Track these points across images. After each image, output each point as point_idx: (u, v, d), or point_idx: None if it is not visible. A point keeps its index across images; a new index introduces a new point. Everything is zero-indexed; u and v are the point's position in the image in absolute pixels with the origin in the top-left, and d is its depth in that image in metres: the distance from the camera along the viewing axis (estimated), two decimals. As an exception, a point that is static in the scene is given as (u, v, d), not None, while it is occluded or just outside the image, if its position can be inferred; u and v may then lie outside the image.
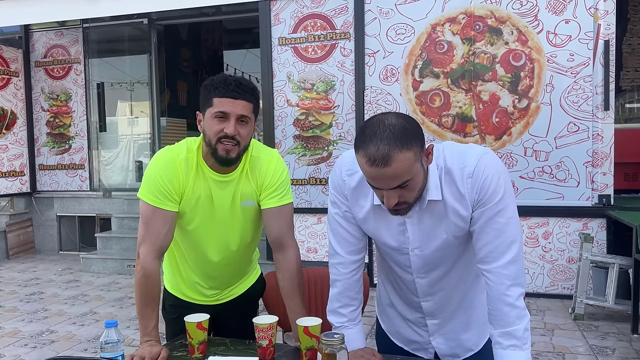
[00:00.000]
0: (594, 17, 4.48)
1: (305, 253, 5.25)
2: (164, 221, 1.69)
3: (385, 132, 1.23)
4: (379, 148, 1.22)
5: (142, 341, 1.68)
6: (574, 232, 4.58)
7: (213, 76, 1.67)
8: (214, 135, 1.63)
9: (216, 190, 1.74)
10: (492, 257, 1.38)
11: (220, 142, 1.63)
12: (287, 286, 1.79)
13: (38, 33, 7.05)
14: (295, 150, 5.30)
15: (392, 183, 1.26)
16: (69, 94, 6.96)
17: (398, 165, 1.22)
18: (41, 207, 7.13)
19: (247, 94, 1.64)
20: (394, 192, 1.28)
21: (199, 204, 1.74)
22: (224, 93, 1.61)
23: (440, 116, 4.87)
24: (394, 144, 1.21)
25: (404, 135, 1.23)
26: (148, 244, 1.68)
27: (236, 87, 1.62)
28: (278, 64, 5.30)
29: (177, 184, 1.69)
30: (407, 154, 1.23)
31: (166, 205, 1.69)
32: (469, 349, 1.62)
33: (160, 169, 1.69)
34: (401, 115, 1.30)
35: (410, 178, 1.27)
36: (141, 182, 1.73)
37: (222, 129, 1.62)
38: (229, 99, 1.61)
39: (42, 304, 4.78)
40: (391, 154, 1.21)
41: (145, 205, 1.70)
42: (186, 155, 1.71)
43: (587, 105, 4.52)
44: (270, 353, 1.60)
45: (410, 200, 1.33)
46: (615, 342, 3.63)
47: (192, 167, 1.71)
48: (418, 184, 1.31)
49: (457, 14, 4.78)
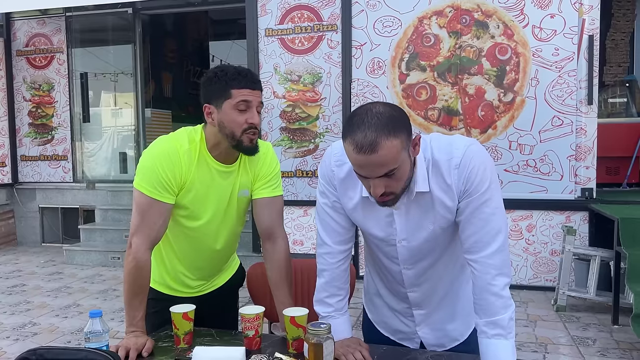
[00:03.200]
0: (578, 12, 4.51)
1: (292, 245, 5.20)
2: (160, 213, 1.67)
3: (373, 119, 1.23)
4: (366, 135, 1.22)
5: (127, 332, 1.67)
6: (557, 225, 4.64)
7: (217, 67, 1.68)
8: (238, 127, 1.63)
9: (219, 180, 1.73)
10: (478, 247, 1.39)
11: (246, 133, 1.64)
12: (275, 276, 1.79)
13: (20, 21, 6.92)
14: (281, 143, 5.29)
15: (378, 171, 1.26)
16: (52, 84, 6.86)
17: (384, 152, 1.23)
18: (23, 199, 7.03)
19: (259, 83, 1.69)
20: (381, 180, 1.28)
21: (200, 195, 1.72)
22: (244, 84, 1.62)
23: (426, 109, 4.89)
24: (381, 131, 1.22)
25: (391, 123, 1.24)
26: (142, 235, 1.66)
27: (252, 77, 1.65)
28: (264, 55, 5.27)
29: (178, 176, 1.67)
30: (394, 141, 1.23)
31: (164, 198, 1.67)
32: (454, 339, 1.64)
33: (161, 160, 1.66)
34: (389, 105, 1.30)
35: (396, 167, 1.27)
36: (136, 172, 1.70)
37: (245, 119, 1.63)
38: (249, 90, 1.63)
39: (25, 296, 4.72)
40: (378, 140, 1.22)
41: (141, 195, 1.66)
42: (189, 147, 1.69)
43: (571, 100, 4.57)
44: (256, 343, 1.60)
45: (396, 191, 1.33)
46: (596, 332, 3.69)
47: (195, 159, 1.69)
48: (405, 173, 1.31)
49: (443, 7, 4.78)
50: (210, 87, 1.66)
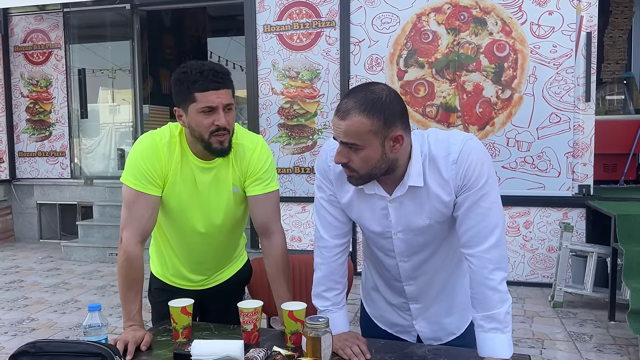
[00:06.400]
0: (576, 9, 4.52)
1: (290, 242, 5.25)
2: (147, 205, 1.68)
3: (362, 93, 1.32)
4: (347, 102, 1.33)
5: (125, 326, 1.67)
6: (554, 221, 4.65)
7: (181, 68, 1.62)
8: (205, 130, 1.61)
9: (199, 174, 1.74)
10: (475, 241, 1.40)
11: (214, 135, 1.61)
12: (272, 271, 1.80)
13: (17, 17, 6.89)
14: (279, 139, 5.29)
15: (342, 137, 1.34)
16: (49, 80, 6.84)
17: (350, 123, 1.31)
18: (21, 195, 7.01)
19: (226, 80, 1.61)
20: (343, 148, 1.35)
21: (182, 185, 1.73)
22: (206, 86, 1.57)
23: (424, 106, 4.89)
24: (358, 105, 1.30)
25: (372, 104, 1.30)
26: (130, 228, 1.68)
27: (214, 77, 1.58)
28: (263, 51, 5.27)
29: (159, 168, 1.69)
30: (364, 120, 1.30)
31: (149, 190, 1.68)
32: (451, 333, 1.65)
33: (143, 153, 1.69)
34: (391, 93, 1.34)
35: (360, 146, 1.32)
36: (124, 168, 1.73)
37: (212, 122, 1.60)
38: (212, 91, 1.57)
39: (23, 292, 4.72)
40: (351, 111, 1.31)
41: (127, 189, 1.69)
42: (169, 140, 1.71)
43: (569, 97, 4.58)
44: (254, 337, 1.61)
45: (359, 171, 1.36)
46: (593, 328, 3.71)
47: (175, 151, 1.71)
48: (370, 158, 1.34)
49: (442, 4, 4.78)
50: (176, 91, 1.63)
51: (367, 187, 1.44)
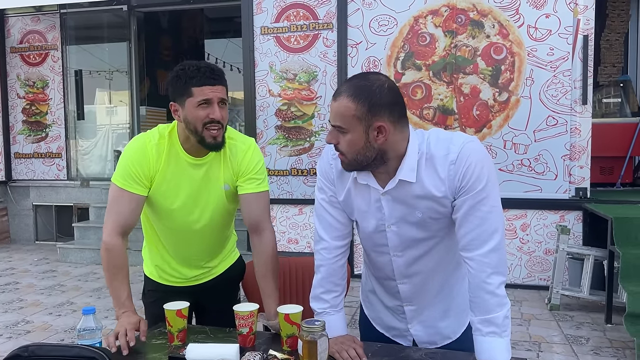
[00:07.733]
0: (573, 12, 4.53)
1: (286, 244, 5.24)
2: (129, 202, 1.74)
3: (357, 79, 1.38)
4: (342, 86, 1.39)
5: (118, 314, 1.69)
6: (551, 224, 4.65)
7: (179, 66, 1.71)
8: (200, 122, 1.68)
9: (190, 171, 1.79)
10: (474, 245, 1.39)
11: (207, 129, 1.68)
12: (261, 268, 1.82)
13: (14, 18, 6.88)
14: (277, 141, 5.28)
15: (333, 118, 1.39)
16: (46, 81, 6.82)
17: (338, 105, 1.37)
18: (17, 196, 6.99)
19: (221, 78, 1.71)
20: (332, 130, 1.41)
21: (172, 182, 1.78)
22: (202, 81, 1.66)
23: (421, 108, 4.89)
24: (349, 90, 1.36)
25: (362, 91, 1.34)
26: (109, 220, 1.74)
27: (211, 74, 1.68)
28: (260, 53, 5.26)
29: (147, 169, 1.74)
30: (350, 104, 1.35)
31: (133, 188, 1.73)
32: (446, 337, 1.64)
33: (131, 155, 1.76)
34: (384, 84, 1.36)
35: (345, 129, 1.37)
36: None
37: (207, 114, 1.67)
38: (208, 87, 1.67)
39: (18, 294, 4.70)
40: (342, 95, 1.37)
41: (113, 187, 1.76)
42: (157, 141, 1.77)
43: (566, 100, 4.58)
44: (250, 340, 1.60)
45: (346, 155, 1.40)
46: (590, 331, 3.71)
47: (164, 152, 1.76)
48: (354, 144, 1.37)
49: (439, 7, 4.79)
50: (173, 86, 1.71)
51: (361, 177, 1.47)
